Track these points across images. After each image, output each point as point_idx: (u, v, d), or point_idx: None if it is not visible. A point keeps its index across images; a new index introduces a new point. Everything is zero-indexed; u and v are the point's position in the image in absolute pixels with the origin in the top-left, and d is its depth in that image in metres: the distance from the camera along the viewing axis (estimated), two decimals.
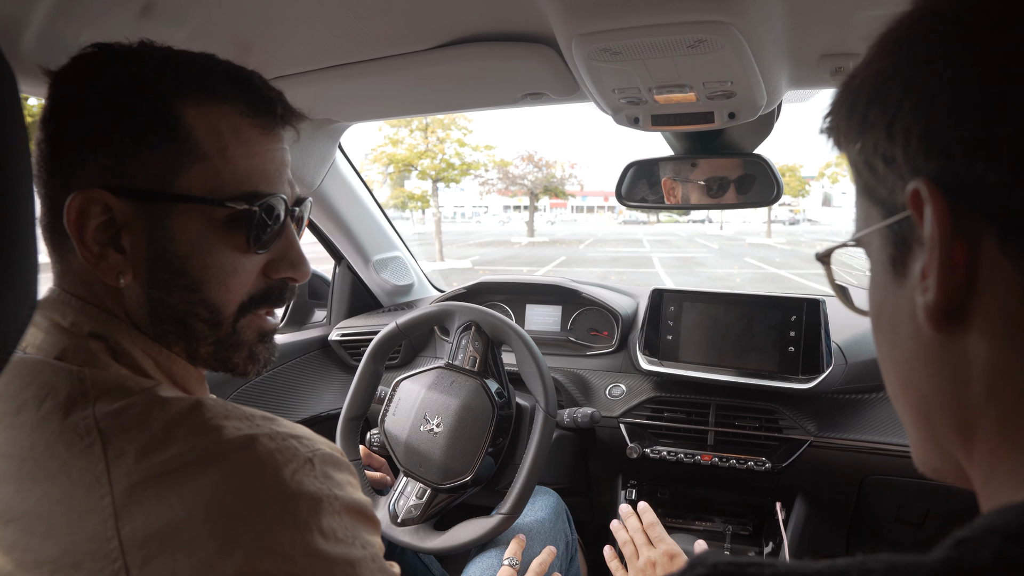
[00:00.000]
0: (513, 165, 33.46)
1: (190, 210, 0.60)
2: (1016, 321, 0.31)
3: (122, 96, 0.59)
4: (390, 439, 1.42)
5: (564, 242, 31.46)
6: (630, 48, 0.93)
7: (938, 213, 0.32)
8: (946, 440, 0.37)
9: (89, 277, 0.62)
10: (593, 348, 1.84)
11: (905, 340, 0.37)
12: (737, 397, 1.58)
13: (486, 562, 1.28)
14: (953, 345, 0.34)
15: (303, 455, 0.55)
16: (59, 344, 0.59)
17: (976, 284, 0.32)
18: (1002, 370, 0.32)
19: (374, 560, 0.57)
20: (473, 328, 1.43)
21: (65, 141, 0.59)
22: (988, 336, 0.32)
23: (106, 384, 0.56)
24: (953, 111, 0.31)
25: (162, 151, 0.59)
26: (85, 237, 0.58)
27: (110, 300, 0.62)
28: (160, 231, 0.60)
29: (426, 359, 1.98)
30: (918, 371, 0.37)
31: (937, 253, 0.32)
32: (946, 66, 0.32)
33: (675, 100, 1.11)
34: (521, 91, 1.23)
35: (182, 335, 0.64)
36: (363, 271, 2.04)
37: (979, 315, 0.32)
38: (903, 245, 0.36)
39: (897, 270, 0.37)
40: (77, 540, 0.50)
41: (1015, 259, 0.30)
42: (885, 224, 0.37)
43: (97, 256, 0.59)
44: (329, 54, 1.14)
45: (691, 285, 1.66)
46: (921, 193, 0.32)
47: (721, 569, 0.32)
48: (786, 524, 1.54)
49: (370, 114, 1.49)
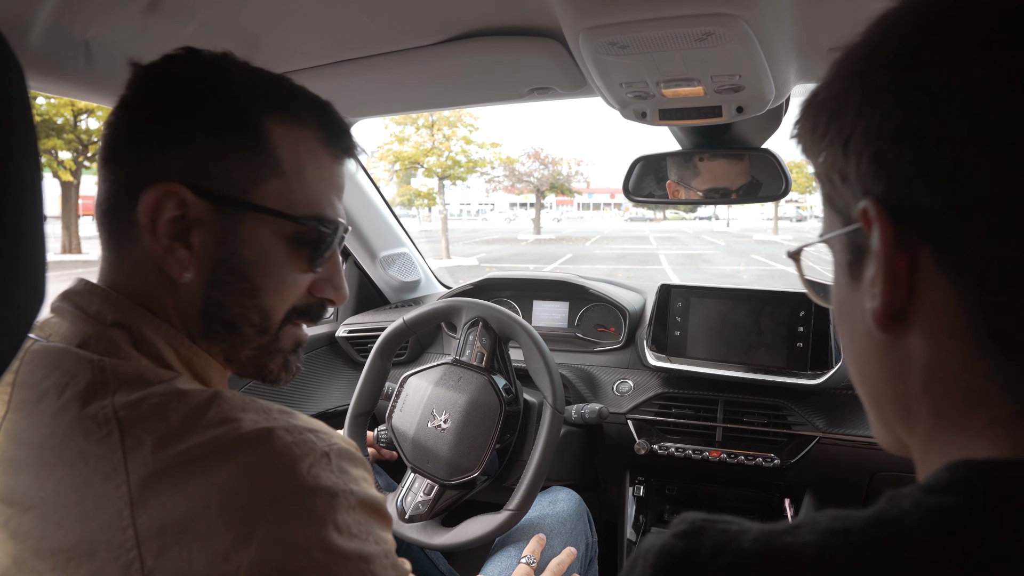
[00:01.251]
0: (519, 162, 33.48)
1: (263, 220, 0.63)
2: (948, 325, 0.35)
3: (214, 101, 0.62)
4: (398, 435, 1.42)
5: (570, 239, 31.44)
6: (638, 42, 0.92)
7: (883, 231, 0.36)
8: (893, 423, 0.42)
9: (144, 268, 0.62)
10: (600, 344, 1.84)
11: (860, 337, 0.42)
12: (745, 393, 1.58)
13: (505, 561, 1.28)
14: (897, 343, 0.39)
15: (320, 449, 0.55)
16: (82, 332, 0.59)
17: (916, 292, 0.36)
18: (936, 366, 0.37)
19: (387, 556, 0.57)
20: (480, 324, 1.43)
21: (148, 132, 0.62)
22: (926, 337, 0.37)
23: (126, 374, 0.56)
24: (896, 141, 0.35)
25: (245, 160, 0.62)
26: (157, 228, 0.60)
27: (163, 293, 0.63)
28: (231, 235, 0.63)
29: (433, 355, 1.98)
30: (870, 364, 0.42)
31: (882, 266, 0.37)
32: (891, 99, 0.36)
33: (683, 94, 1.11)
34: (528, 85, 1.23)
35: (228, 337, 0.66)
36: (370, 267, 2.04)
37: (919, 319, 0.37)
38: (858, 252, 0.40)
39: (853, 274, 0.41)
40: (92, 529, 0.50)
41: (948, 273, 0.35)
42: (843, 232, 0.41)
43: (165, 249, 0.61)
44: (336, 49, 1.14)
45: (698, 281, 1.66)
46: (869, 212, 0.37)
47: (698, 524, 0.38)
48: None
49: (377, 109, 1.49)
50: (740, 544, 0.35)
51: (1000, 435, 0.34)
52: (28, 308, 0.39)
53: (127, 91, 0.64)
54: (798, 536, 0.34)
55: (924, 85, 0.34)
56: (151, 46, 1.00)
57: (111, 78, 1.00)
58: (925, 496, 0.32)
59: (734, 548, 0.35)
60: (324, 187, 0.67)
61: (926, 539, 0.31)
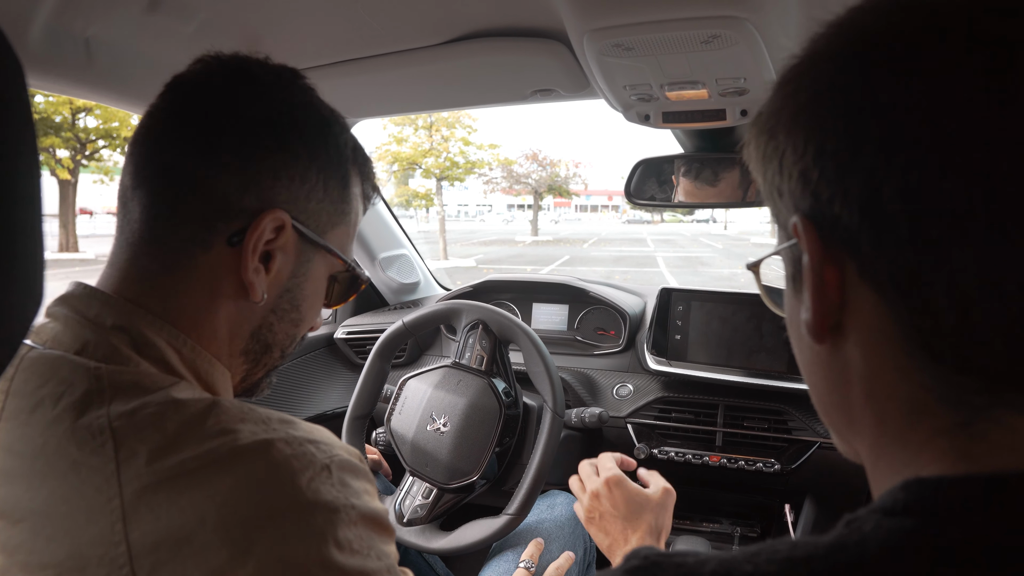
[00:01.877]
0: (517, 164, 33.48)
1: (326, 260, 0.70)
2: (879, 334, 0.36)
3: (325, 145, 0.67)
4: (396, 438, 1.41)
5: (568, 241, 31.46)
6: (643, 44, 0.91)
7: (810, 246, 0.38)
8: (843, 431, 0.43)
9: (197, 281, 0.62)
10: (600, 347, 1.83)
11: (804, 348, 0.43)
12: (746, 398, 1.57)
13: (503, 565, 1.27)
14: (836, 354, 0.40)
15: (320, 462, 0.54)
16: (80, 338, 0.57)
17: (847, 304, 0.38)
18: (873, 375, 0.38)
19: (390, 571, 0.55)
20: (480, 327, 1.42)
21: (267, 153, 0.62)
22: (861, 348, 0.38)
23: (123, 382, 0.54)
24: (817, 161, 0.37)
25: (335, 205, 0.69)
26: (257, 249, 0.62)
27: (213, 308, 0.63)
28: (302, 268, 0.68)
29: (432, 358, 1.97)
30: (815, 375, 0.43)
31: (811, 279, 0.38)
32: (812, 121, 0.37)
33: (687, 97, 1.10)
34: (531, 87, 1.22)
35: (260, 358, 0.69)
36: (369, 269, 2.03)
37: (852, 329, 0.38)
38: (797, 265, 0.41)
39: (795, 287, 0.42)
40: (83, 543, 0.48)
41: (871, 283, 0.36)
42: (785, 247, 0.42)
43: (254, 270, 0.62)
44: (338, 49, 1.13)
45: (696, 285, 1.65)
46: (798, 227, 0.38)
47: (652, 560, 0.37)
48: (795, 526, 1.52)
49: (379, 110, 1.48)
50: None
51: (944, 448, 0.35)
52: (26, 308, 0.38)
53: (242, 107, 0.63)
54: (758, 566, 0.33)
55: (839, 109, 0.36)
56: (151, 45, 1.00)
57: (111, 76, 1.00)
58: (884, 519, 0.33)
59: None
60: (355, 234, 0.76)
61: (888, 564, 0.31)
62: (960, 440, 0.34)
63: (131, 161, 0.63)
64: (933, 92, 0.33)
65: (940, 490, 0.33)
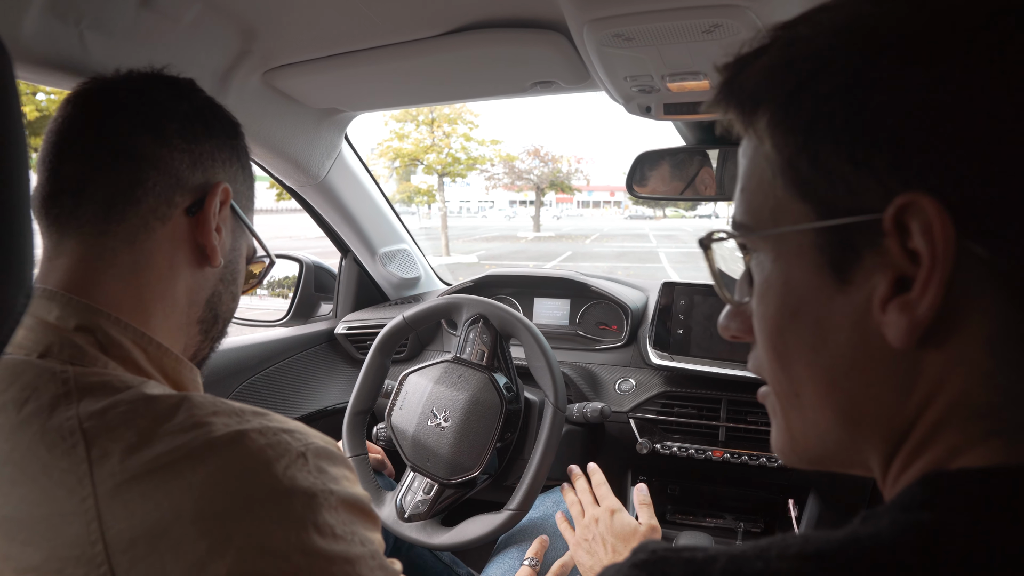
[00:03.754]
0: (519, 160, 33.43)
1: (246, 241, 0.79)
2: (970, 333, 0.32)
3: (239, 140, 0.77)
4: (397, 433, 1.41)
5: (570, 237, 31.43)
6: (644, 34, 0.90)
7: (944, 231, 0.31)
8: (861, 442, 0.38)
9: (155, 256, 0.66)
10: (602, 342, 1.82)
11: (839, 346, 0.37)
12: (749, 392, 1.56)
13: (507, 562, 1.27)
14: (904, 358, 0.34)
15: (295, 449, 0.54)
16: (43, 340, 0.57)
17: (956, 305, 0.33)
18: (945, 378, 0.34)
19: (374, 557, 0.55)
20: (481, 321, 1.41)
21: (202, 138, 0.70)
22: (940, 347, 0.33)
23: (91, 383, 0.54)
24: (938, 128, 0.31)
25: (250, 191, 0.79)
26: (215, 215, 0.69)
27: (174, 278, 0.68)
28: (237, 243, 0.76)
29: (433, 353, 1.96)
30: (853, 378, 0.37)
31: (939, 273, 0.32)
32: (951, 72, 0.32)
33: (688, 88, 1.09)
34: (531, 79, 1.21)
35: (211, 328, 0.74)
36: (369, 264, 2.02)
37: (942, 331, 0.33)
38: (850, 251, 0.35)
39: (838, 275, 0.36)
40: (59, 545, 0.48)
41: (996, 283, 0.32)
42: (824, 225, 0.36)
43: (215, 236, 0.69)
44: (335, 41, 1.12)
45: (700, 279, 1.64)
46: (918, 208, 0.31)
47: (660, 555, 0.36)
48: (798, 521, 1.52)
49: (377, 103, 1.47)
50: (709, 575, 0.33)
51: (997, 446, 0.33)
52: (16, 302, 0.38)
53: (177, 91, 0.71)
54: (770, 563, 0.32)
55: (996, 59, 0.31)
56: (147, 38, 0.99)
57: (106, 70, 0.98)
58: (900, 514, 0.31)
59: None
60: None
61: (905, 559, 0.30)
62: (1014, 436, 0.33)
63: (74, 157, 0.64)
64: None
65: (960, 483, 0.31)
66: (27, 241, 0.38)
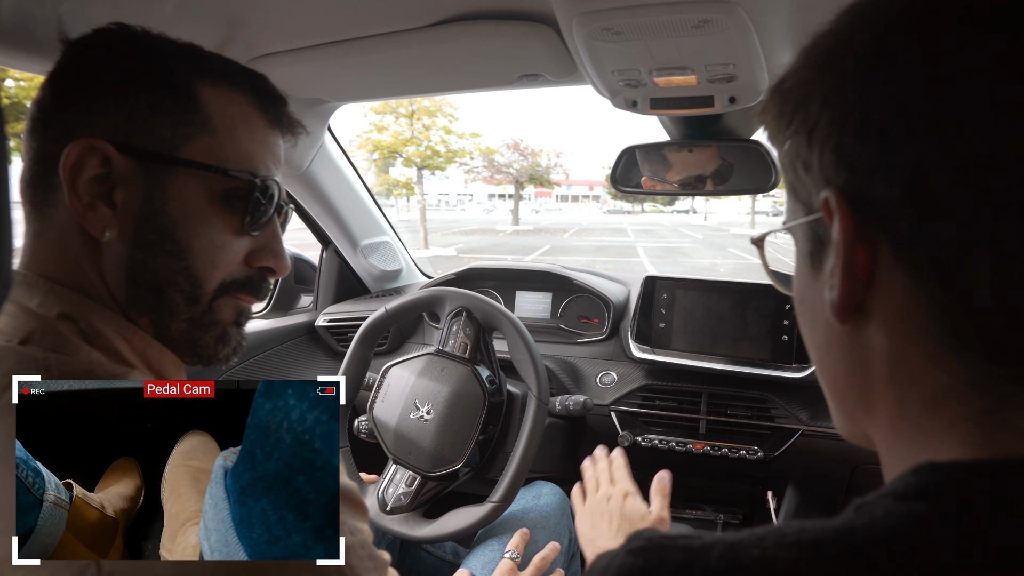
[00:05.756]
0: (499, 153, 33.35)
1: (191, 176, 0.62)
2: (907, 316, 0.35)
3: (143, 64, 0.62)
4: (379, 426, 1.40)
5: (549, 231, 31.45)
6: (632, 28, 0.90)
7: (843, 222, 0.36)
8: (856, 414, 0.42)
9: (66, 234, 0.60)
10: (584, 335, 1.83)
11: (820, 327, 0.42)
12: (729, 386, 1.57)
13: (487, 555, 1.26)
14: (857, 335, 0.39)
15: None
16: (24, 327, 0.56)
17: (875, 285, 0.36)
18: (898, 358, 0.37)
19: (363, 547, 0.55)
20: (464, 314, 1.41)
21: (73, 97, 0.60)
22: (886, 328, 0.37)
23: (74, 372, 0.53)
24: (859, 133, 0.35)
25: (174, 118, 0.61)
26: (78, 186, 0.58)
27: (86, 261, 0.61)
28: (157, 192, 0.61)
29: (414, 346, 1.95)
30: (831, 355, 0.42)
31: (841, 257, 0.37)
32: (855, 92, 0.36)
33: (675, 83, 1.09)
34: (517, 72, 1.20)
35: (156, 305, 0.63)
36: (351, 256, 2.01)
37: (878, 310, 0.37)
38: (819, 242, 0.40)
39: (814, 264, 0.41)
40: None
41: (905, 265, 0.35)
42: (804, 221, 0.41)
43: (86, 206, 0.59)
44: (320, 31, 1.11)
45: (679, 274, 1.65)
46: (830, 202, 0.36)
47: (656, 542, 0.36)
48: (777, 513, 1.54)
49: (361, 94, 1.45)
50: (707, 563, 0.34)
51: (965, 434, 0.34)
52: None
53: (56, 66, 0.62)
54: (766, 550, 0.33)
55: (888, 79, 0.34)
56: None
57: None
58: (895, 504, 0.32)
59: (700, 567, 0.34)
60: (257, 149, 0.67)
61: (898, 549, 0.31)
62: (984, 427, 0.33)
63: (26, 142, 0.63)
64: (994, 63, 0.31)
65: (953, 475, 0.32)
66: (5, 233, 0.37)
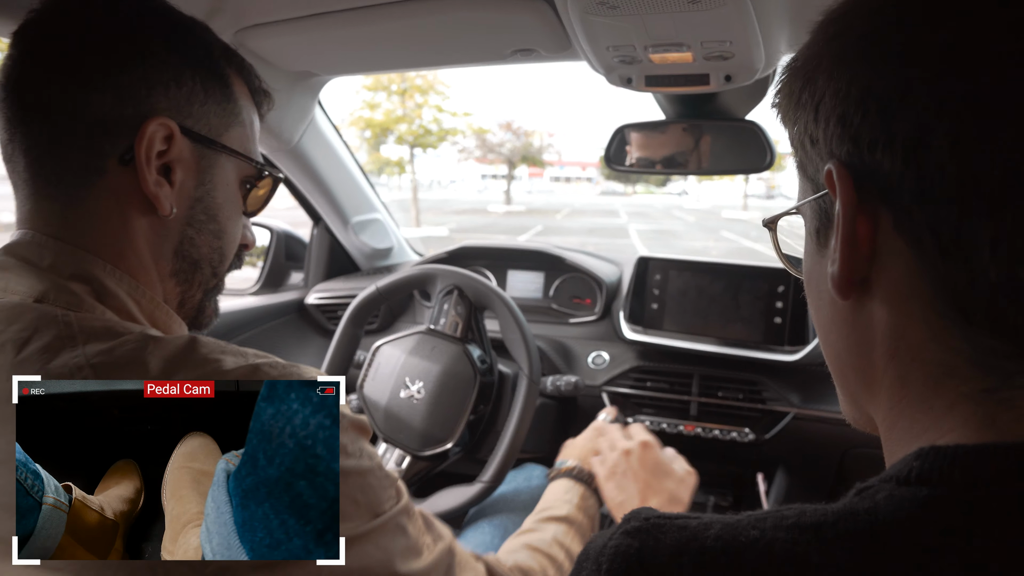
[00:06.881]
0: (491, 133, 33.21)
1: (230, 163, 0.68)
2: (909, 291, 0.35)
3: (198, 47, 0.65)
4: (369, 405, 1.39)
5: (541, 212, 31.42)
6: (629, 2, 0.88)
7: (844, 194, 0.36)
8: (858, 395, 0.42)
9: (107, 207, 0.60)
10: (576, 316, 1.82)
11: (824, 305, 0.42)
12: (721, 368, 1.57)
13: (478, 536, 1.26)
14: (860, 311, 0.38)
15: (307, 379, 0.56)
16: (37, 287, 0.56)
17: (877, 258, 0.36)
18: (900, 335, 0.36)
19: (380, 468, 0.59)
20: (456, 292, 1.39)
21: (130, 64, 0.59)
22: (887, 304, 0.37)
23: (94, 328, 0.53)
24: (861, 104, 0.35)
25: (220, 106, 0.66)
26: (151, 162, 0.60)
27: (130, 232, 0.62)
28: (208, 176, 0.66)
29: (405, 324, 1.94)
30: (834, 333, 0.42)
31: (842, 229, 0.37)
32: (858, 63, 0.36)
33: (671, 60, 1.07)
34: (510, 47, 1.18)
35: (191, 277, 0.68)
36: (341, 233, 1.99)
37: (880, 285, 0.37)
38: (825, 219, 0.40)
39: (820, 241, 0.42)
40: None
41: (907, 237, 0.34)
42: (812, 199, 0.41)
43: (155, 182, 0.61)
44: (310, 1, 1.08)
45: (672, 255, 1.64)
46: (832, 174, 0.37)
47: (653, 521, 0.36)
48: (767, 495, 1.54)
49: (352, 67, 1.43)
50: (703, 542, 0.34)
51: (968, 414, 0.33)
52: None
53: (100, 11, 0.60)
54: (765, 532, 0.33)
55: (890, 50, 0.35)
56: None
57: None
58: (897, 488, 0.32)
59: (696, 547, 0.34)
60: (257, 138, 0.74)
61: (899, 533, 0.30)
62: (987, 406, 0.33)
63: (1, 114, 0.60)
64: (995, 35, 0.31)
65: (956, 460, 0.31)
66: None
